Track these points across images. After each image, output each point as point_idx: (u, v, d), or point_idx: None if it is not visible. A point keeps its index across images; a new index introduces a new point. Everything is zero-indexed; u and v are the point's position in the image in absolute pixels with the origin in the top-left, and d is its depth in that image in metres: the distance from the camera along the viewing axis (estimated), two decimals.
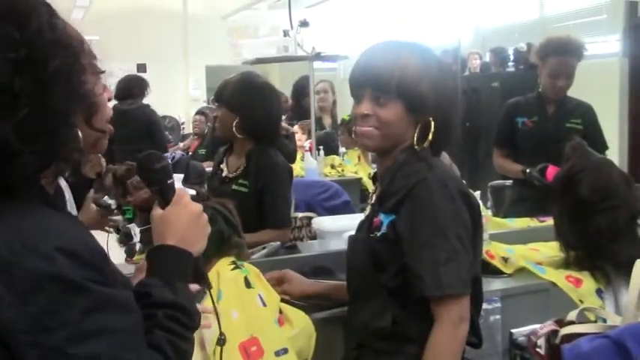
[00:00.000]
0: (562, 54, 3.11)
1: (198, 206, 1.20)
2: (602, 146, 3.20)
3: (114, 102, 5.00)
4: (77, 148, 0.98)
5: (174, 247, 1.13)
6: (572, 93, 3.30)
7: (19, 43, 0.90)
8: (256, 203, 2.50)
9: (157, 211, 1.18)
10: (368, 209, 1.71)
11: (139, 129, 5.37)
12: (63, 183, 1.93)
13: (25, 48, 0.90)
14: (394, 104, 1.57)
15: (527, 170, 3.05)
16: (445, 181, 1.55)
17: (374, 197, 1.69)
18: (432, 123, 1.58)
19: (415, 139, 1.59)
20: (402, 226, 1.53)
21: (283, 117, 5.50)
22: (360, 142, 1.68)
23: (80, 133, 0.99)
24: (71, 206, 2.09)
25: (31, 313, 0.86)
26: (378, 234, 1.58)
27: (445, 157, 1.78)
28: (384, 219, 1.58)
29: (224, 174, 2.66)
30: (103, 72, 1.09)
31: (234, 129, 2.55)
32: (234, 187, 2.56)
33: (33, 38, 0.91)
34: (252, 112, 2.55)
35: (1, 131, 0.89)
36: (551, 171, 2.85)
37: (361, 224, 1.73)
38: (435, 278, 1.48)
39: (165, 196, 1.20)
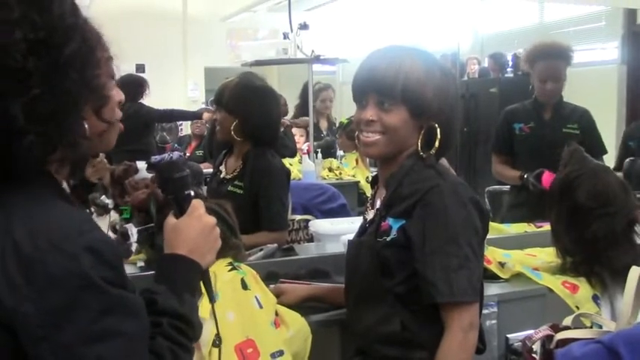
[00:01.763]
0: (548, 58, 3.13)
1: (212, 219, 1.20)
2: (601, 150, 3.22)
3: None
4: (84, 135, 0.98)
5: (185, 257, 1.13)
6: (570, 99, 3.31)
7: (39, 25, 0.90)
8: (251, 205, 2.51)
9: (170, 220, 1.19)
10: (371, 213, 1.70)
11: (135, 130, 5.35)
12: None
13: (44, 30, 0.91)
14: (399, 109, 1.57)
15: (525, 176, 3.06)
16: (457, 187, 1.56)
17: (378, 202, 1.68)
18: (438, 129, 1.59)
19: (419, 145, 1.60)
20: (414, 231, 1.53)
21: (288, 117, 5.55)
22: (364, 151, 1.68)
23: (87, 125, 0.99)
24: None
25: (47, 308, 0.88)
26: (387, 239, 1.57)
27: (443, 162, 1.78)
28: (393, 224, 1.58)
29: (222, 175, 2.67)
30: (113, 76, 1.09)
31: (232, 132, 2.56)
32: (229, 188, 2.57)
33: (53, 22, 0.92)
34: (251, 115, 2.55)
35: (11, 109, 0.89)
36: (547, 177, 2.85)
37: (363, 228, 1.73)
38: (447, 285, 1.48)
39: (180, 206, 1.20)
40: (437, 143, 1.59)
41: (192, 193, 1.23)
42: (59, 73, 0.92)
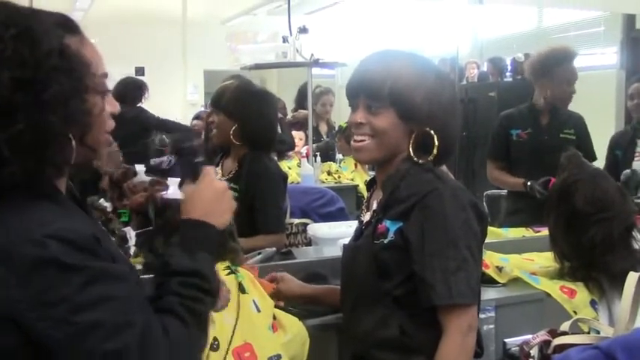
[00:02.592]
0: (570, 60, 3.14)
1: (222, 183, 1.32)
2: (592, 156, 3.22)
3: None
4: (67, 161, 1.04)
5: (196, 220, 1.22)
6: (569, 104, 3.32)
7: (27, 63, 0.97)
8: (247, 208, 2.50)
9: (186, 189, 1.30)
10: (367, 215, 1.69)
11: (134, 133, 5.34)
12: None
13: (32, 69, 0.97)
14: (387, 112, 1.57)
15: (529, 183, 3.05)
16: (456, 191, 1.56)
17: (375, 204, 1.68)
18: (435, 136, 1.58)
19: (411, 150, 1.60)
20: (412, 234, 1.53)
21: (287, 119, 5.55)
22: (355, 156, 1.70)
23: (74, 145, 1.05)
24: None
25: (33, 292, 0.96)
26: (385, 241, 1.57)
27: (442, 166, 1.78)
28: (390, 226, 1.58)
29: (218, 177, 2.67)
30: (109, 91, 1.16)
31: (231, 136, 2.56)
32: None
33: (41, 60, 0.98)
34: (251, 120, 2.55)
35: None
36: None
37: (359, 232, 1.72)
38: (446, 287, 1.48)
39: (194, 173, 1.30)
40: (435, 150, 1.59)
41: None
42: (43, 109, 0.98)
